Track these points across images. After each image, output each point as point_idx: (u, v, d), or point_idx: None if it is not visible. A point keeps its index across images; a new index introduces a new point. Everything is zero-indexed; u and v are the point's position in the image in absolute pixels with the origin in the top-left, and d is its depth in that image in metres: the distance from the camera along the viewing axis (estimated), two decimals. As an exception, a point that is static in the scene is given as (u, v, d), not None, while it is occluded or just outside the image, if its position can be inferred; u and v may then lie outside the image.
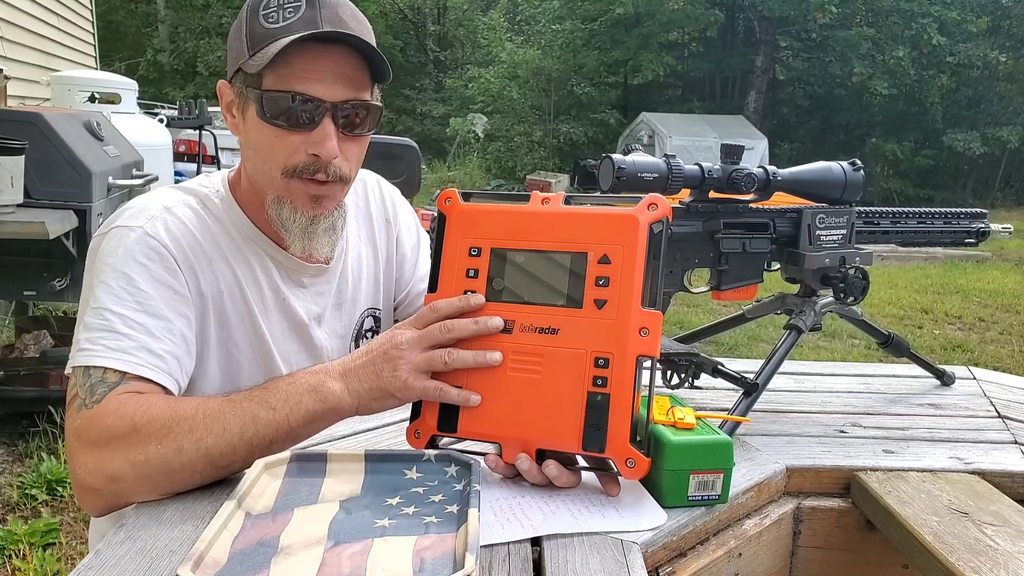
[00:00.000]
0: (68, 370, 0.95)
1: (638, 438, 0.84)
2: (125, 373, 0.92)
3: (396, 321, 1.30)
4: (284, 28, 0.97)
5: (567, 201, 0.91)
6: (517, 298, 0.88)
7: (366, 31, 1.01)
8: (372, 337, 1.22)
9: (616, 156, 1.03)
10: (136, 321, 0.95)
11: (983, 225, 1.30)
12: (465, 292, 0.90)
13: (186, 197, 1.07)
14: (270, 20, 0.98)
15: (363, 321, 1.22)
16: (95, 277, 0.99)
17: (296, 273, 1.12)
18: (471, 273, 0.91)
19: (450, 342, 0.89)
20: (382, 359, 0.90)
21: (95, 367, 0.92)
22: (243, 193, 1.09)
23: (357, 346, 1.20)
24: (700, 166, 1.09)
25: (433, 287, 0.93)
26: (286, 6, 0.98)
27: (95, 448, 0.87)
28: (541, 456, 0.87)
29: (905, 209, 1.26)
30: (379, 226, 1.25)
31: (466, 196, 0.95)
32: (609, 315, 0.85)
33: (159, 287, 0.98)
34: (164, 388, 0.94)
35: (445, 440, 0.92)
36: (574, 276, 0.87)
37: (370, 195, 1.26)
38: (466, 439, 0.91)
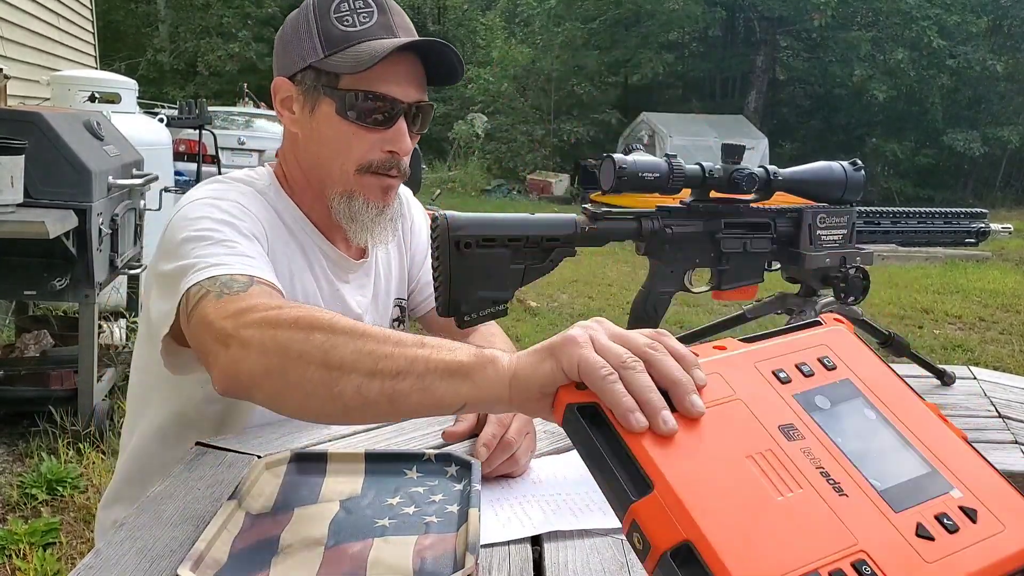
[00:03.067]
0: (184, 288, 0.89)
1: None
2: (253, 277, 0.89)
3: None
4: (363, 32, 1.04)
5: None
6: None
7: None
8: (399, 326, 1.26)
9: (617, 156, 1.03)
10: (250, 247, 0.97)
11: (983, 225, 1.30)
12: None
13: (242, 187, 1.08)
14: (345, 23, 1.04)
15: (393, 311, 1.27)
16: (184, 231, 0.96)
17: (342, 267, 1.16)
18: None
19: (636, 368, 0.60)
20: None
21: (221, 275, 0.88)
22: (293, 185, 1.12)
23: None
24: (701, 166, 1.09)
25: None
26: (360, 11, 1.04)
27: (245, 327, 0.79)
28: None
29: (905, 209, 1.26)
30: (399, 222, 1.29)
31: None
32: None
33: (252, 235, 1.00)
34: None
35: None
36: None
37: None
38: None
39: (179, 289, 0.90)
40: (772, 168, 1.12)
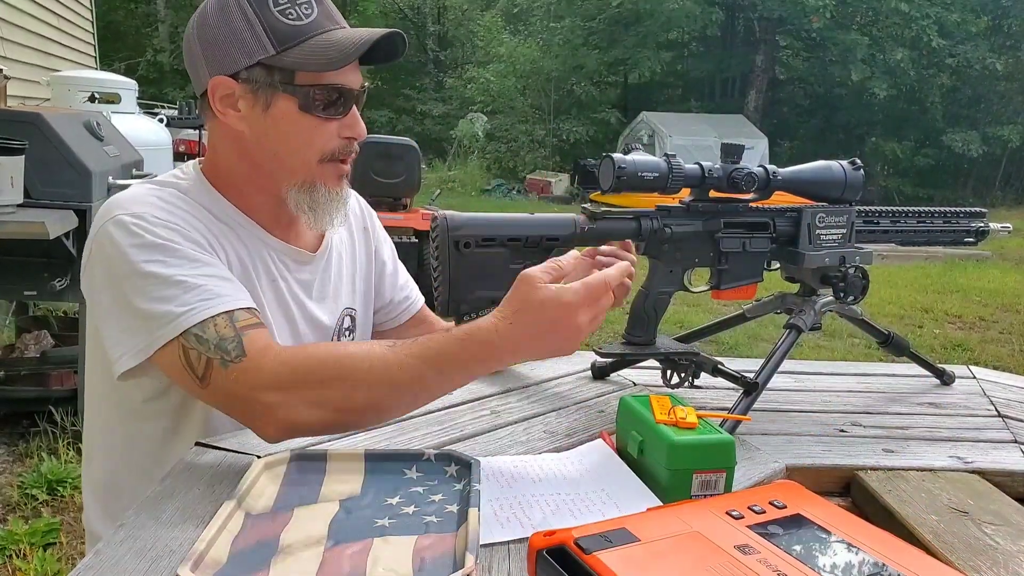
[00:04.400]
0: (164, 337, 0.93)
1: None
2: (231, 312, 0.94)
3: (375, 326, 1.34)
4: (312, 24, 1.02)
5: None
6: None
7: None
8: (350, 336, 1.25)
9: (616, 155, 1.03)
10: (200, 272, 0.96)
11: (982, 224, 1.30)
12: None
13: (164, 190, 1.06)
14: (290, 16, 1.01)
15: (343, 319, 1.24)
16: (121, 269, 0.96)
17: (294, 259, 1.15)
18: None
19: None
20: (563, 340, 0.88)
21: (199, 323, 0.92)
22: (227, 182, 1.10)
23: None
24: (700, 165, 1.09)
25: None
26: (299, 2, 1.02)
27: (268, 392, 0.89)
28: None
29: (905, 208, 1.26)
30: (357, 233, 1.29)
31: None
32: None
33: (195, 247, 1.00)
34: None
35: None
36: None
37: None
38: None
39: (156, 334, 0.93)
40: (771, 167, 1.12)
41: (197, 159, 1.15)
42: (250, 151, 1.08)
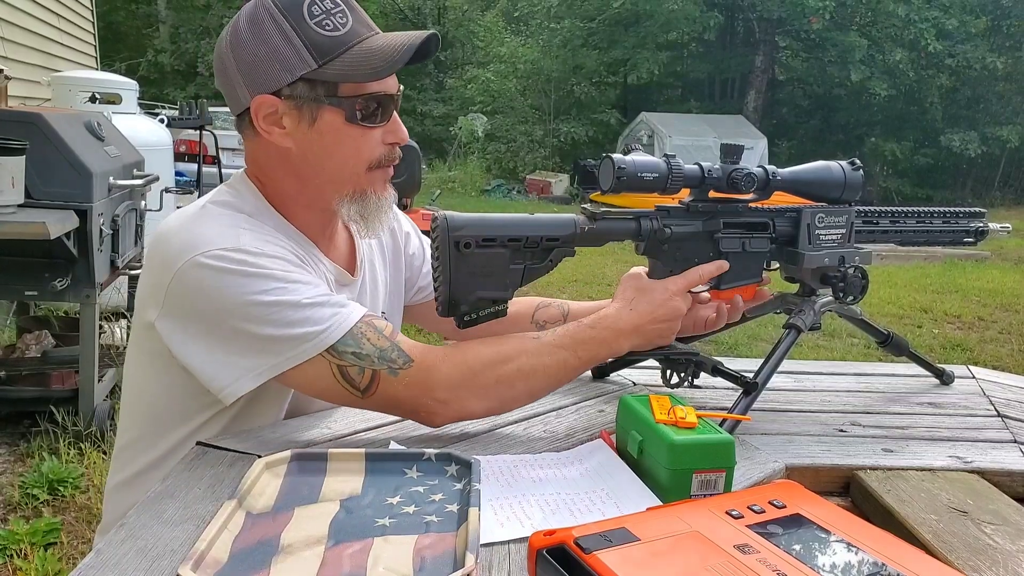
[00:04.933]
0: (297, 364, 0.95)
1: None
2: (367, 321, 0.98)
3: (410, 305, 1.35)
4: (350, 34, 1.01)
5: None
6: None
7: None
8: None
9: (616, 156, 1.03)
10: (317, 292, 0.98)
11: (981, 224, 1.30)
12: None
13: (237, 215, 1.03)
14: (327, 27, 1.00)
15: None
16: (226, 304, 0.95)
17: (341, 282, 1.14)
18: None
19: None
20: (669, 328, 1.08)
21: (342, 338, 0.95)
22: (283, 200, 1.09)
23: None
24: (700, 166, 1.09)
25: None
26: (333, 12, 1.01)
27: (441, 391, 0.98)
28: None
29: (904, 208, 1.26)
30: (384, 236, 1.29)
31: None
32: None
33: (299, 269, 1.01)
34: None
35: None
36: None
37: None
38: None
39: (288, 355, 0.95)
40: (771, 168, 1.13)
41: (242, 173, 1.12)
42: (297, 167, 1.06)
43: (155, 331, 1.00)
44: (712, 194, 1.12)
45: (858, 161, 1.17)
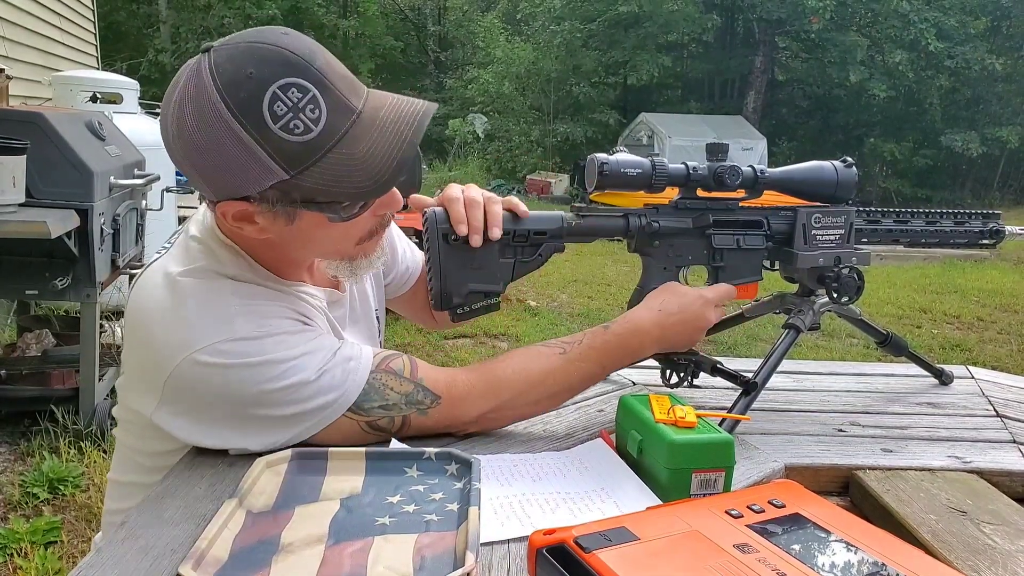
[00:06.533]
0: (320, 430, 0.93)
1: None
2: (383, 365, 0.98)
3: (389, 296, 1.33)
4: (325, 133, 0.84)
5: None
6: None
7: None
8: (382, 336, 1.26)
9: (599, 155, 1.06)
10: (322, 348, 0.94)
11: (996, 224, 1.29)
12: None
13: (219, 282, 0.94)
14: (296, 130, 0.82)
15: (375, 322, 1.24)
16: (235, 396, 0.90)
17: (333, 302, 1.10)
18: None
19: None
20: (695, 331, 1.08)
21: (363, 394, 0.95)
22: (266, 262, 1.00)
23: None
24: (685, 164, 1.10)
25: None
26: (302, 105, 0.82)
27: (473, 415, 1.01)
28: None
29: (912, 210, 1.25)
30: None
31: None
32: None
33: (294, 330, 0.94)
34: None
35: None
36: None
37: None
38: None
39: (306, 425, 0.93)
40: (759, 166, 1.13)
41: (211, 229, 0.99)
42: (277, 247, 0.97)
43: (149, 418, 0.94)
44: (701, 193, 1.13)
45: (850, 159, 1.17)
